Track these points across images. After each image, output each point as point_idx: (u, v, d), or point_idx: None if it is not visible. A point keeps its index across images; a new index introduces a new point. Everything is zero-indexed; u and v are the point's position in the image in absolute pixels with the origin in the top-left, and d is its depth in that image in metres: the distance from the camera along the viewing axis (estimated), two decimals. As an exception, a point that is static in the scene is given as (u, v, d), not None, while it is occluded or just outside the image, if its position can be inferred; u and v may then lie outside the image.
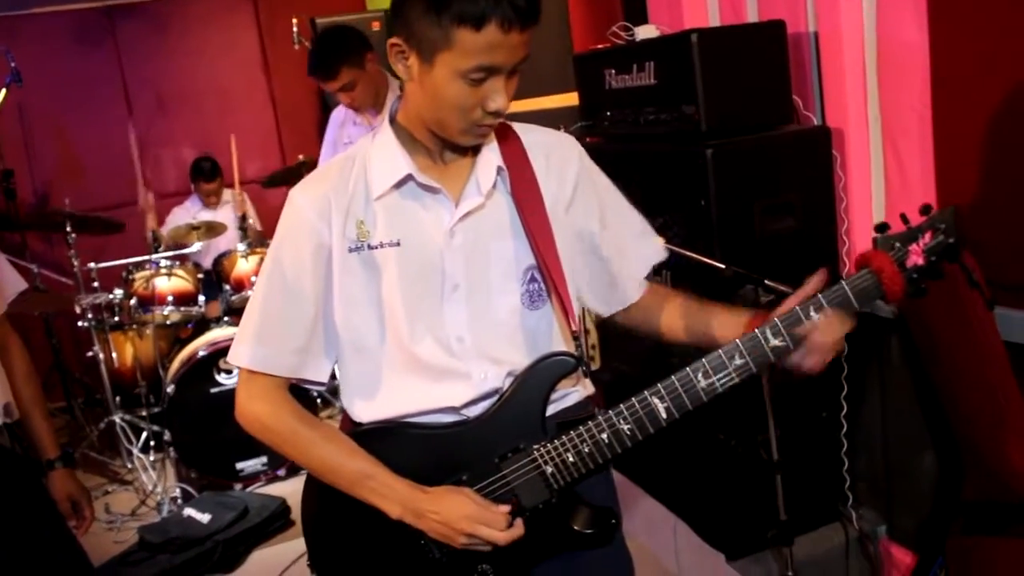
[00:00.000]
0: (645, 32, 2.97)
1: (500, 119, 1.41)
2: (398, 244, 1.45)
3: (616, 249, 1.62)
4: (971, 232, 2.32)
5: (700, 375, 1.42)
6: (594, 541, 1.51)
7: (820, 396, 2.77)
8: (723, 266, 2.34)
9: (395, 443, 1.49)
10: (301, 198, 1.48)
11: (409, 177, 1.45)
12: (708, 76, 2.55)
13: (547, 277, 1.49)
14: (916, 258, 1.41)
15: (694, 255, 2.42)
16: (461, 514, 1.42)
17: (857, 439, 2.86)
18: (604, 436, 1.45)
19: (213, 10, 6.21)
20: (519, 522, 1.45)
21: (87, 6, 5.95)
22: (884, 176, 2.69)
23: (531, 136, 1.55)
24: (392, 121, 1.50)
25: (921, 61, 2.47)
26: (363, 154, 1.49)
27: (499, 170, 1.48)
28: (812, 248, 2.71)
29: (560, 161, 1.55)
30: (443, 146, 1.47)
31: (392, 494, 1.45)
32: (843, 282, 1.42)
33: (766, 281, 2.31)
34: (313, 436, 1.50)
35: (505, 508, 1.45)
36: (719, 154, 2.54)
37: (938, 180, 2.51)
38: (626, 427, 1.44)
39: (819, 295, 1.41)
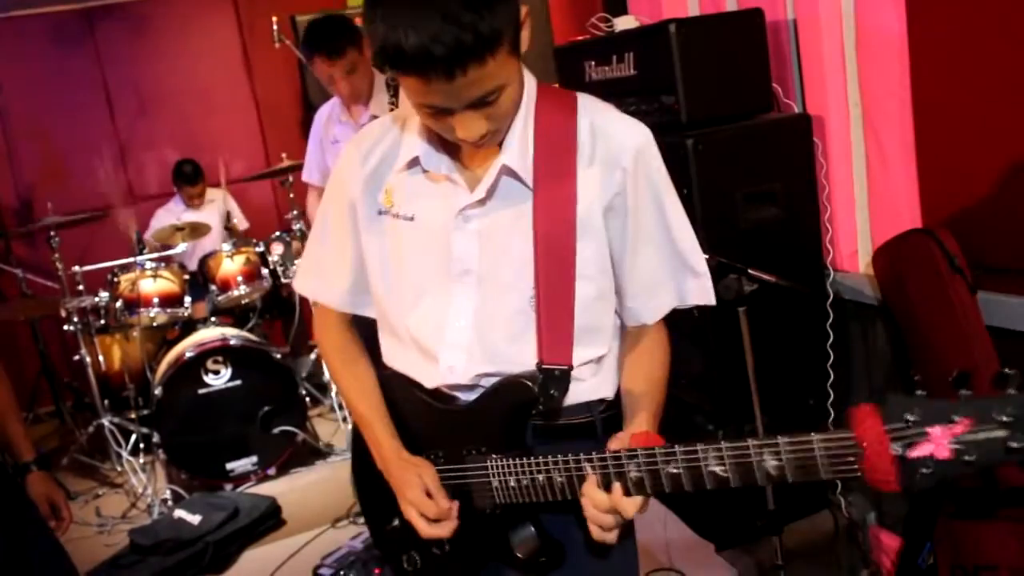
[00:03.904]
0: (624, 23, 2.96)
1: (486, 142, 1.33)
2: (412, 219, 1.45)
3: (629, 283, 1.47)
4: (953, 216, 2.34)
5: (671, 466, 1.33)
6: (523, 567, 1.47)
7: (806, 384, 2.78)
8: (707, 256, 2.34)
9: (406, 398, 1.55)
10: (354, 151, 1.50)
11: (428, 156, 1.41)
12: (687, 66, 2.55)
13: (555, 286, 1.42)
14: (932, 447, 0.99)
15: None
16: (404, 494, 1.48)
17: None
18: (541, 477, 1.37)
19: (193, 10, 6.15)
20: (450, 523, 1.46)
21: (65, 8, 5.87)
22: (865, 162, 2.69)
23: (597, 118, 1.41)
24: None
25: (900, 46, 2.47)
26: (402, 121, 1.47)
27: (511, 171, 1.39)
28: (795, 236, 2.72)
29: (612, 158, 1.39)
30: None
31: (377, 447, 1.55)
32: (814, 436, 1.09)
33: (750, 270, 2.31)
34: (344, 373, 1.62)
35: (449, 504, 1.46)
36: (700, 144, 2.53)
37: (919, 165, 2.52)
38: (559, 479, 1.36)
39: (778, 437, 1.15)
